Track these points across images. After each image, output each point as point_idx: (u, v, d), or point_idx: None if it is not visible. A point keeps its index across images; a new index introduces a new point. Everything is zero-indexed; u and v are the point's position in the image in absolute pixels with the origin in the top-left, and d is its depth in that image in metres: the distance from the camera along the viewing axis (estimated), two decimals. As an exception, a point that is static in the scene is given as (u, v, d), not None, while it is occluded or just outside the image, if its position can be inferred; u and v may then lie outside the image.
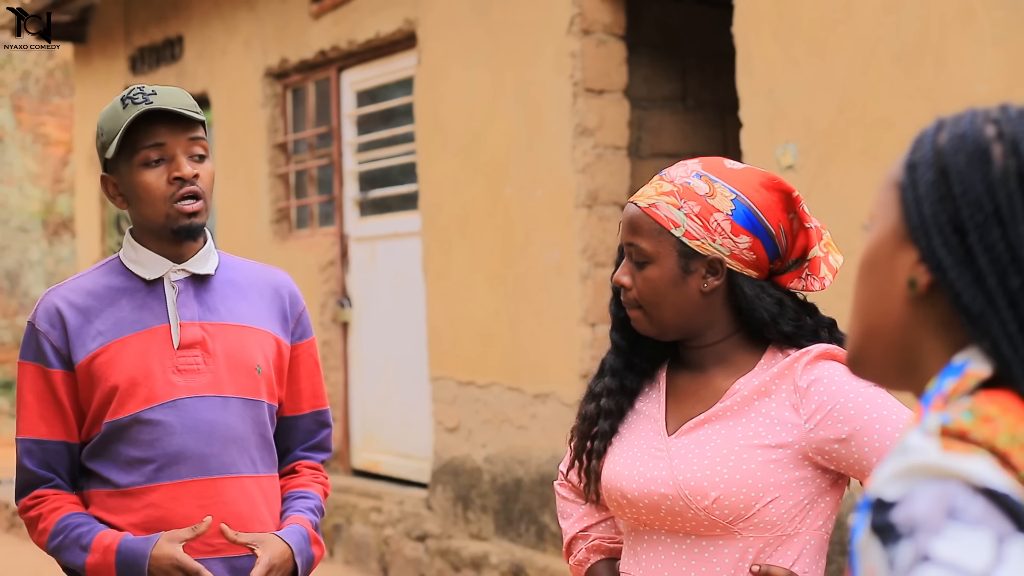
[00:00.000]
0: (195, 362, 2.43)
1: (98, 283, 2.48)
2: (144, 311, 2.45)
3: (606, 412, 2.07)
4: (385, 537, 6.67)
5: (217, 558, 2.42)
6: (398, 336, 7.05)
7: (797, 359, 1.96)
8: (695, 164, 2.02)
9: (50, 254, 13.79)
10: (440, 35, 6.48)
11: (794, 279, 2.02)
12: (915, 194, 1.10)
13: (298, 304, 2.59)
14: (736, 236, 1.95)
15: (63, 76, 13.56)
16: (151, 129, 2.38)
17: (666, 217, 1.97)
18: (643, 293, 1.99)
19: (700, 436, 1.97)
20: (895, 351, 1.13)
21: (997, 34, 4.06)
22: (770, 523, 1.92)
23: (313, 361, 2.61)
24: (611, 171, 5.76)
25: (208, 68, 8.46)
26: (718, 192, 1.96)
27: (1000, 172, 1.07)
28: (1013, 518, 0.97)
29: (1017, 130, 1.09)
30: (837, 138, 4.53)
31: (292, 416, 2.59)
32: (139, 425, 2.40)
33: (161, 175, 2.39)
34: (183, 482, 2.41)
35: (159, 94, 2.38)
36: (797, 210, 1.99)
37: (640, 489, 1.98)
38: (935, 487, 0.98)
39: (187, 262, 2.46)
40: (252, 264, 2.60)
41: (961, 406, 1.04)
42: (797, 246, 2.00)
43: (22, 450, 2.47)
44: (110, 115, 2.41)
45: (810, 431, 1.92)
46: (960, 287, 1.07)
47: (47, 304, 2.45)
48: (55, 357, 2.43)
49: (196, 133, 2.42)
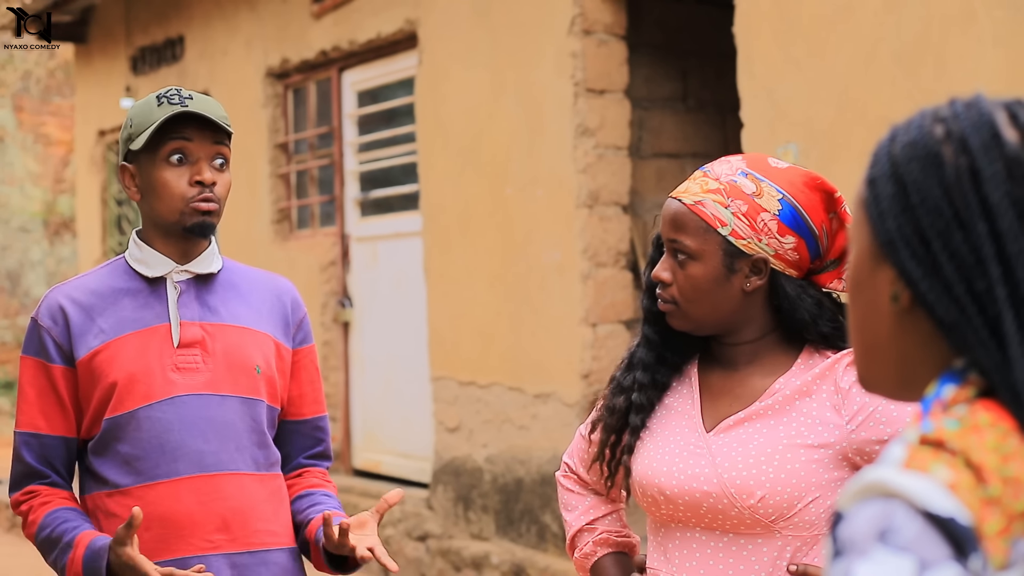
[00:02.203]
0: (194, 361, 2.44)
1: (102, 282, 2.50)
2: (145, 310, 2.46)
3: (637, 407, 2.06)
4: (386, 537, 6.67)
5: (218, 554, 2.43)
6: (399, 336, 7.05)
7: (838, 360, 1.95)
8: (739, 162, 2.01)
9: (51, 254, 13.79)
10: (441, 35, 6.48)
11: (833, 279, 2.01)
12: (879, 210, 1.08)
13: (299, 310, 2.60)
14: (782, 236, 1.95)
15: (64, 76, 13.56)
16: (181, 129, 2.41)
17: (713, 215, 1.95)
18: (684, 290, 1.97)
19: (742, 434, 1.96)
20: (892, 366, 1.11)
21: (997, 34, 4.06)
22: (809, 523, 1.92)
23: (314, 367, 2.62)
24: (612, 171, 5.77)
25: (209, 68, 8.46)
26: (765, 191, 1.96)
27: (953, 173, 1.05)
28: (953, 543, 0.94)
29: (964, 125, 1.06)
30: (838, 138, 4.54)
31: (293, 421, 2.60)
32: (137, 421, 2.41)
33: (182, 175, 2.42)
34: (181, 479, 2.41)
35: (195, 99, 2.42)
36: (838, 210, 2.00)
37: (681, 486, 1.96)
38: (877, 506, 0.96)
39: (191, 263, 2.48)
40: (254, 270, 2.63)
41: (953, 414, 1.02)
42: (837, 246, 2.00)
43: (20, 442, 2.48)
44: (142, 109, 2.44)
45: (851, 432, 1.91)
46: (932, 299, 1.05)
47: (50, 301, 2.47)
48: (56, 353, 2.45)
49: (222, 141, 2.45)
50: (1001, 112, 1.07)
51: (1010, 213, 1.03)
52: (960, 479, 0.97)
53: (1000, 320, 1.03)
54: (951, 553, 0.94)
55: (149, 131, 2.40)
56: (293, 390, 2.58)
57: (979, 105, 1.08)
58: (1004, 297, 1.03)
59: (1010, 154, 1.05)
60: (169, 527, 2.41)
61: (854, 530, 0.96)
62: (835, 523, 0.99)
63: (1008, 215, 1.03)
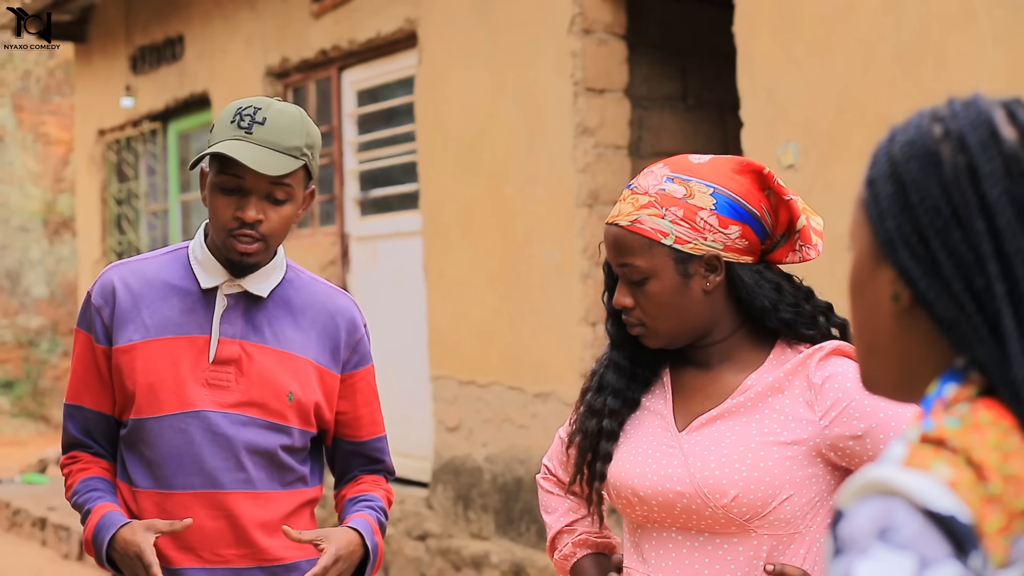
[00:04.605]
0: (227, 378, 2.42)
1: (159, 272, 2.47)
2: (191, 316, 2.43)
3: (608, 433, 2.05)
4: (386, 537, 6.67)
5: (226, 568, 2.43)
6: (399, 335, 7.05)
7: (810, 355, 1.94)
8: (662, 169, 2.00)
9: (51, 253, 13.79)
10: (441, 35, 6.49)
11: (788, 253, 2.00)
12: (878, 210, 1.08)
13: (355, 332, 2.54)
14: (725, 228, 1.94)
15: (64, 75, 13.56)
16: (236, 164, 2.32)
17: (653, 229, 1.95)
18: (648, 309, 1.97)
19: (714, 433, 1.95)
20: (894, 366, 1.11)
21: (997, 34, 4.06)
22: (784, 520, 1.91)
23: (370, 389, 2.57)
24: (612, 170, 5.77)
25: (209, 67, 8.46)
26: (695, 191, 1.95)
27: (951, 172, 1.05)
28: (953, 541, 0.94)
29: (962, 124, 1.06)
30: (838, 137, 4.54)
31: (351, 442, 2.58)
32: (161, 428, 2.41)
33: (229, 205, 2.35)
34: (197, 492, 2.41)
35: (266, 125, 2.32)
36: (772, 186, 1.98)
37: (654, 487, 1.96)
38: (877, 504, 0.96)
39: (245, 279, 2.44)
40: (317, 285, 2.55)
41: (954, 412, 1.02)
42: (781, 220, 1.99)
43: (66, 413, 2.53)
44: (222, 118, 2.37)
45: (825, 428, 1.91)
46: (931, 297, 1.05)
47: (105, 280, 2.47)
48: (102, 332, 2.45)
49: (281, 181, 2.35)
50: (999, 110, 1.07)
51: (1008, 211, 1.03)
52: (961, 477, 0.97)
53: (999, 317, 1.03)
54: (951, 551, 0.94)
55: (207, 153, 2.33)
56: (349, 413, 2.55)
57: (977, 104, 1.08)
58: (1003, 294, 1.03)
59: (1008, 152, 1.05)
60: (179, 538, 2.41)
61: (854, 528, 0.96)
62: (835, 521, 0.99)
63: (1006, 213, 1.03)
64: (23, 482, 9.83)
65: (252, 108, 2.35)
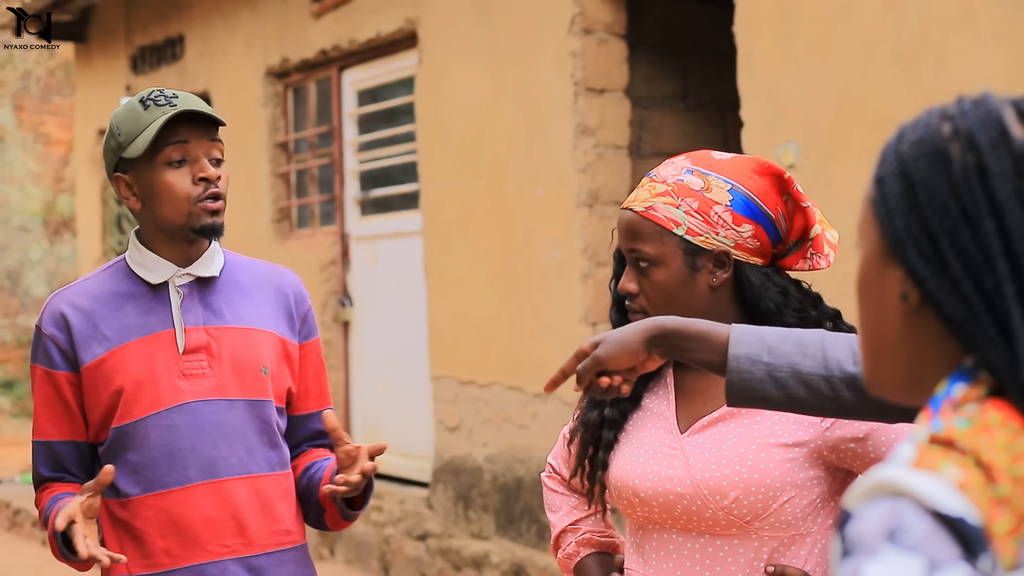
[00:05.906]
0: (200, 367, 2.43)
1: (104, 287, 2.48)
2: (149, 316, 2.45)
3: (610, 422, 2.05)
4: (386, 536, 6.68)
5: (234, 559, 2.43)
6: (399, 335, 7.05)
7: None
8: (683, 160, 2.00)
9: (51, 253, 13.79)
10: (441, 35, 6.49)
11: (798, 260, 2.00)
12: (887, 209, 1.08)
13: (304, 304, 2.58)
14: (738, 226, 1.94)
15: (64, 75, 13.56)
16: (175, 130, 2.39)
17: (666, 218, 1.95)
18: (652, 297, 1.97)
19: (715, 434, 1.95)
20: (902, 367, 1.10)
21: (997, 34, 4.06)
22: (785, 522, 1.91)
23: (319, 360, 2.61)
24: (612, 170, 5.77)
25: (209, 67, 8.46)
26: (713, 185, 1.95)
27: (960, 170, 1.04)
28: (962, 543, 0.94)
29: (971, 123, 1.06)
30: (838, 137, 4.54)
31: (299, 415, 2.59)
32: (146, 430, 2.41)
33: (184, 175, 2.39)
34: (194, 486, 2.42)
35: (181, 97, 2.40)
36: (791, 191, 1.98)
37: (655, 488, 1.96)
38: (886, 505, 0.96)
39: (192, 265, 2.46)
40: (258, 263, 2.60)
41: (963, 413, 1.02)
42: (796, 227, 1.99)
43: (34, 451, 2.51)
44: (128, 115, 2.41)
45: (826, 429, 1.90)
46: (940, 297, 1.04)
47: (53, 308, 2.46)
48: (61, 359, 2.44)
49: (216, 137, 2.44)
50: (1009, 109, 1.07)
51: (1018, 210, 1.03)
52: (970, 479, 0.96)
53: (1008, 318, 1.02)
54: (960, 553, 0.94)
55: (147, 136, 2.37)
56: (298, 385, 2.56)
57: (986, 103, 1.08)
58: (1012, 294, 1.02)
59: (1017, 151, 1.04)
60: (185, 535, 2.41)
61: (863, 530, 0.96)
62: (843, 522, 0.98)
63: (1016, 212, 1.03)
64: (23, 482, 9.83)
65: (156, 91, 2.42)
